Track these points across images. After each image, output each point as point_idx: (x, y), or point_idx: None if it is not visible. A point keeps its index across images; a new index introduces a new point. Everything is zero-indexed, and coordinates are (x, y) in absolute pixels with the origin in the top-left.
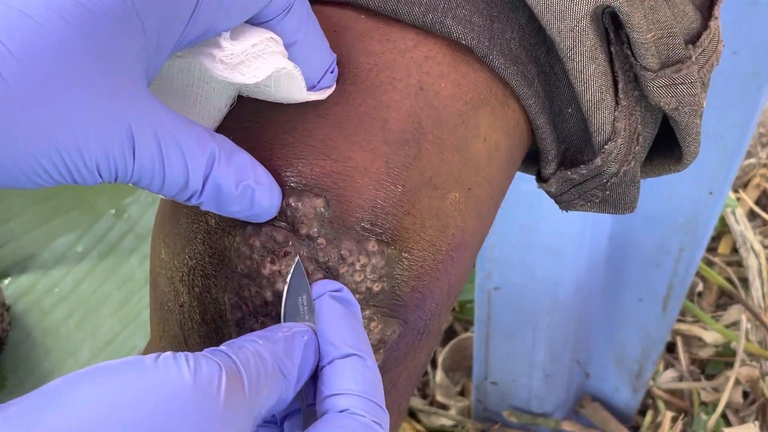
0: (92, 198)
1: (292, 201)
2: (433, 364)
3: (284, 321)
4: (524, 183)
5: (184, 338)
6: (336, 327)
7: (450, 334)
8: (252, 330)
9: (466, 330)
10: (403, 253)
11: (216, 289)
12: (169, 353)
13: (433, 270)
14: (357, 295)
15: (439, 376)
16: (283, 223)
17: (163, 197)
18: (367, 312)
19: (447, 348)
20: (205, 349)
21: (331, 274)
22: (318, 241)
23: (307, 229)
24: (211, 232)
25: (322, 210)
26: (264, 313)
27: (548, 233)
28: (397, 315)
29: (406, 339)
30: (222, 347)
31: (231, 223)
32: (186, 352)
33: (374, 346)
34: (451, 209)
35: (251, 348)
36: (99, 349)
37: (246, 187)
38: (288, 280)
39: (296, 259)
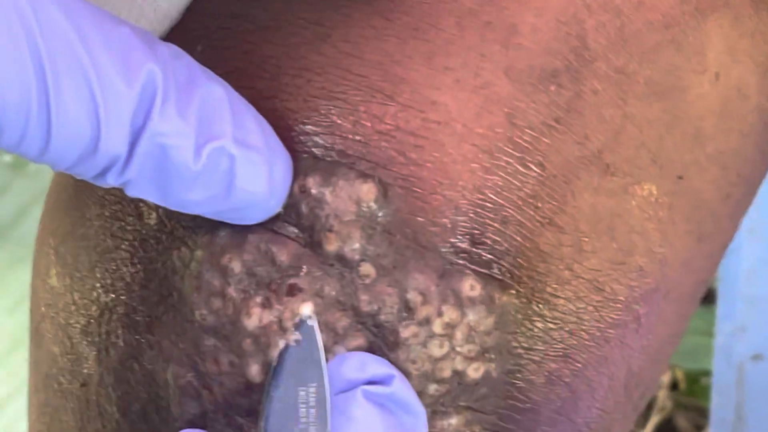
0: None
1: (312, 185)
2: None
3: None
4: None
5: None
6: None
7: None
8: None
9: (699, 430)
10: (535, 305)
11: (152, 354)
12: None
13: (597, 340)
14: (434, 386)
15: None
16: (292, 229)
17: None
18: (454, 421)
19: None
20: None
21: (383, 339)
22: (361, 269)
23: (340, 244)
24: (147, 238)
25: (373, 206)
26: (244, 409)
27: None
28: (516, 431)
29: None
30: None
31: (186, 224)
32: None
33: None
34: (641, 218)
35: None
36: None
37: (218, 154)
38: (281, 349)
39: (307, 307)
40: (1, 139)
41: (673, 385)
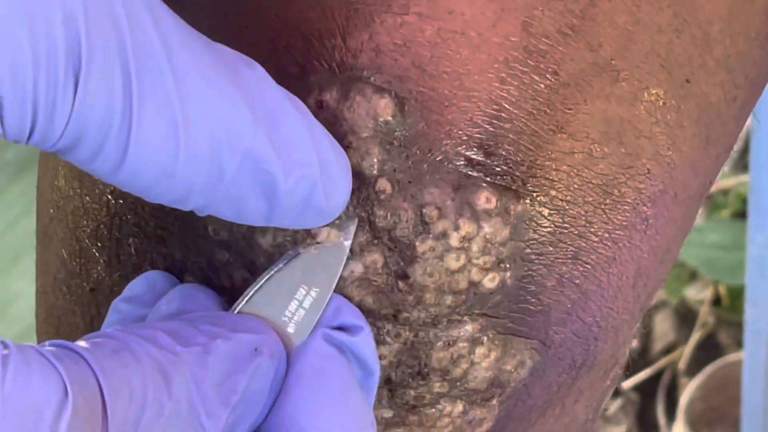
0: None
1: (330, 100)
2: (670, 410)
3: (240, 305)
4: None
5: None
6: (325, 411)
7: (707, 351)
8: None
9: (741, 346)
10: (545, 209)
11: (165, 265)
12: None
13: (606, 242)
14: (450, 297)
15: None
16: None
17: None
18: (469, 328)
19: (699, 380)
20: (48, 343)
21: (399, 253)
22: (378, 184)
23: (357, 160)
24: None
25: (391, 121)
26: None
27: None
28: (529, 332)
29: (547, 378)
30: (82, 344)
31: None
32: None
33: (481, 393)
34: (649, 122)
35: (143, 354)
36: None
37: (303, 181)
38: (309, 245)
39: (353, 225)
40: (79, 150)
41: (716, 301)
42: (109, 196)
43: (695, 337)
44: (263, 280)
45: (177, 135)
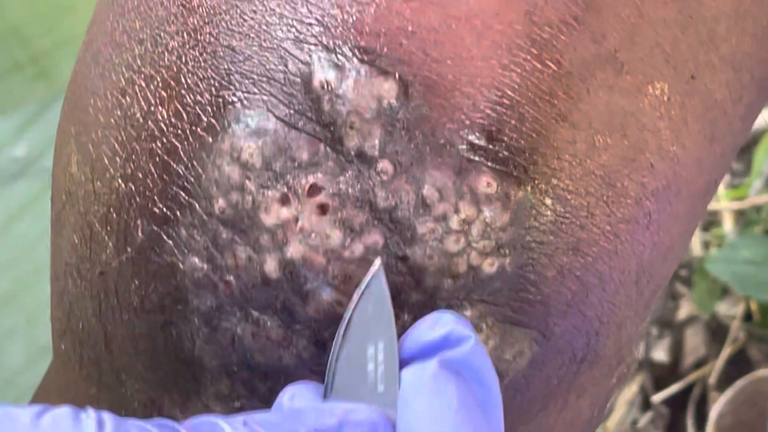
0: None
1: (332, 79)
2: (700, 424)
3: (328, 395)
4: None
5: (104, 333)
6: None
7: (737, 366)
8: (235, 338)
9: None
10: (548, 200)
11: (170, 246)
12: (64, 409)
13: (607, 234)
14: (449, 281)
15: None
16: (312, 125)
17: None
18: (468, 314)
19: (728, 394)
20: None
21: (399, 234)
22: (379, 165)
23: (359, 140)
24: (164, 122)
25: (394, 103)
26: (261, 304)
27: None
28: (528, 322)
29: (547, 370)
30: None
31: (204, 106)
32: (98, 411)
33: None
34: (653, 116)
35: None
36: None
37: None
38: (353, 304)
39: (376, 263)
40: None
41: (747, 317)
42: (119, 181)
43: (726, 352)
44: (333, 364)
45: None
